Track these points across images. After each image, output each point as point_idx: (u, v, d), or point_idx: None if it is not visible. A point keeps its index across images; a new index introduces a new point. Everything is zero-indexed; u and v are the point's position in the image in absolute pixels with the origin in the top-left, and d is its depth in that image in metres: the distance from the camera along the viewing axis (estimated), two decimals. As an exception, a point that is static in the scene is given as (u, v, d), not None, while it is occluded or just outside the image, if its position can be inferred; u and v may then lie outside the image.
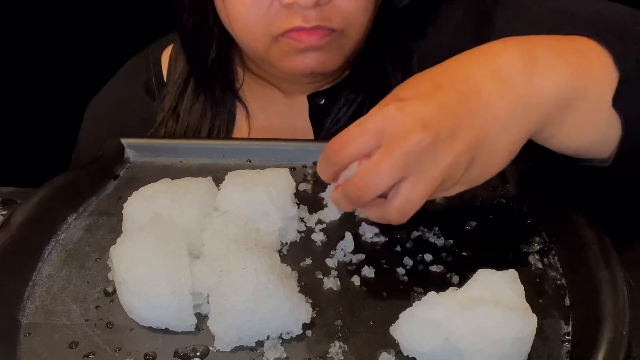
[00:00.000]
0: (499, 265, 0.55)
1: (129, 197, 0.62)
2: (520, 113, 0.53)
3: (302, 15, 0.71)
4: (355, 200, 0.54)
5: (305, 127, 0.86)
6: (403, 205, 0.52)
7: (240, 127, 0.89)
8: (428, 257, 0.61)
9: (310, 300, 0.56)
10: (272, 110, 0.89)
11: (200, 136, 0.86)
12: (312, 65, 0.75)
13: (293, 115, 0.88)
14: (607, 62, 0.54)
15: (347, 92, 0.84)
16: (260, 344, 0.53)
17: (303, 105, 0.86)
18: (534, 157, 0.70)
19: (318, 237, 0.63)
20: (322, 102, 0.85)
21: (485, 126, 0.52)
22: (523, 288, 0.51)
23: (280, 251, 0.62)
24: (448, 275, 0.59)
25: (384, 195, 0.53)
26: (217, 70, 0.85)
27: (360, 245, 0.62)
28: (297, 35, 0.72)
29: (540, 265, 0.60)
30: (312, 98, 0.85)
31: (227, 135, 0.87)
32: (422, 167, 0.51)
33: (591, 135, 0.56)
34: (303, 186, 0.70)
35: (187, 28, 0.83)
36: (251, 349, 0.53)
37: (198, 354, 0.52)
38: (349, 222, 0.65)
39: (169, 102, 0.88)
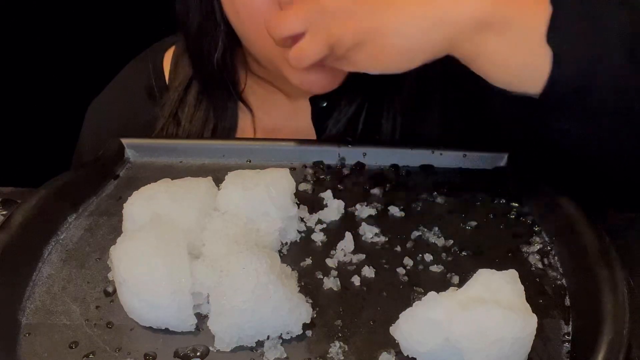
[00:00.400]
0: (499, 265, 0.55)
1: (129, 197, 0.62)
2: (426, 25, 0.56)
3: None
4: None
5: (307, 129, 0.86)
6: (297, 52, 0.61)
7: (244, 129, 0.88)
8: (428, 257, 0.61)
9: (310, 300, 0.56)
10: (275, 113, 0.89)
11: (200, 137, 0.85)
12: (315, 88, 0.73)
13: (296, 117, 0.87)
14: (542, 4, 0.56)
15: (347, 94, 0.84)
16: (260, 344, 0.53)
17: (305, 107, 0.86)
18: (534, 157, 0.71)
19: (318, 237, 0.63)
20: (324, 105, 0.85)
21: (384, 20, 0.56)
22: (523, 288, 0.51)
23: (280, 251, 0.62)
24: (448, 276, 0.59)
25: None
26: (221, 71, 0.84)
27: (360, 245, 0.62)
28: None
29: (540, 266, 0.60)
30: (314, 101, 0.85)
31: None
32: (317, 28, 0.59)
33: (521, 66, 0.57)
34: (303, 186, 0.70)
35: (192, 27, 0.82)
36: (251, 349, 0.53)
37: (198, 354, 0.52)
38: (349, 222, 0.65)
39: (169, 109, 0.87)
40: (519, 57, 0.57)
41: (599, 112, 0.58)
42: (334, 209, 0.66)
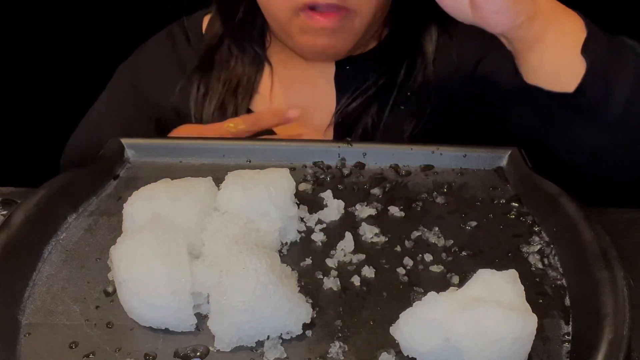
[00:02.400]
0: (499, 265, 0.55)
1: (129, 197, 0.62)
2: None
3: None
4: None
5: (327, 92, 0.91)
6: None
7: (264, 83, 0.93)
8: (428, 257, 0.61)
9: (310, 300, 0.56)
10: (296, 72, 0.92)
11: (200, 137, 0.86)
12: (324, 47, 0.83)
13: (316, 77, 0.92)
14: (580, 24, 0.71)
15: (373, 63, 0.90)
16: (260, 344, 0.53)
17: (326, 69, 0.91)
18: (534, 157, 0.71)
19: (318, 237, 0.63)
20: (347, 68, 0.90)
21: None
22: (523, 288, 0.51)
23: (280, 251, 0.62)
24: (448, 275, 0.59)
25: None
26: (245, 30, 0.91)
27: (360, 245, 0.62)
28: (313, 14, 0.79)
29: (540, 265, 0.60)
30: (340, 63, 0.90)
31: (253, 88, 0.91)
32: None
33: (561, 68, 0.70)
34: (303, 186, 0.70)
35: None
36: (251, 349, 0.53)
37: (198, 354, 0.52)
38: (349, 222, 0.65)
39: (204, 51, 0.93)
40: (562, 59, 0.70)
41: (609, 120, 0.70)
42: (333, 209, 0.66)
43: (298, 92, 0.92)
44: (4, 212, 0.66)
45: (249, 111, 0.91)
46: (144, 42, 1.00)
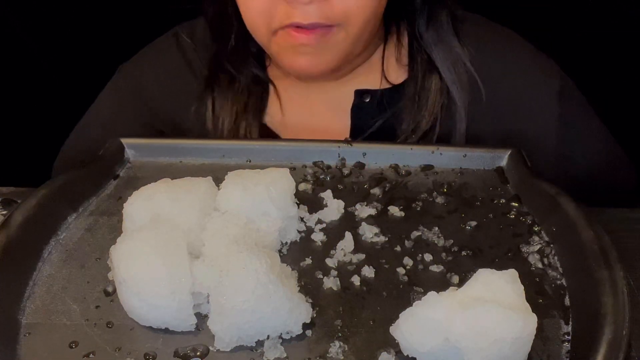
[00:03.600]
0: (499, 265, 0.55)
1: (129, 197, 0.62)
2: None
3: (302, 11, 0.72)
4: None
5: (341, 118, 0.88)
6: None
7: (273, 100, 0.89)
8: (428, 257, 0.61)
9: (310, 300, 0.56)
10: (297, 90, 0.89)
11: (200, 136, 0.86)
12: (305, 66, 0.77)
13: (332, 108, 0.88)
14: None
15: (390, 99, 0.86)
16: (260, 343, 0.53)
17: (341, 93, 0.88)
18: (534, 157, 0.71)
19: (318, 237, 0.63)
20: (367, 101, 0.87)
21: None
22: (523, 288, 0.51)
23: (280, 251, 0.62)
24: (448, 275, 0.59)
25: None
26: (238, 54, 0.87)
27: (360, 245, 0.62)
28: (293, 31, 0.74)
29: (540, 265, 0.60)
30: (359, 94, 0.87)
31: (263, 105, 0.89)
32: None
33: None
34: (303, 186, 0.70)
35: (208, 15, 0.88)
36: (251, 348, 0.53)
37: (198, 353, 0.52)
38: (349, 222, 0.65)
39: (208, 71, 0.90)
40: None
41: None
42: (333, 208, 0.66)
43: (308, 111, 0.89)
44: (4, 212, 0.66)
45: (263, 126, 0.88)
46: (148, 41, 0.98)
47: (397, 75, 0.88)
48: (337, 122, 0.87)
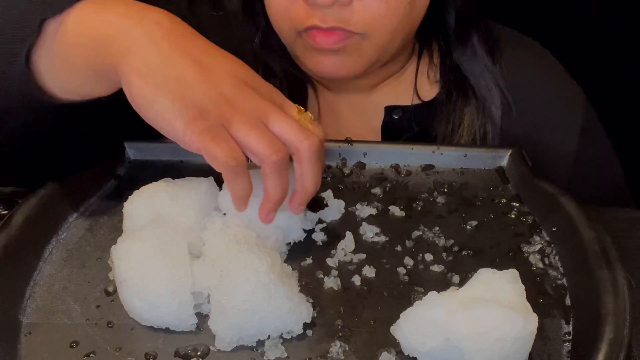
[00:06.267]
0: (500, 265, 0.55)
1: (129, 197, 0.62)
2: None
3: (321, 14, 0.72)
4: None
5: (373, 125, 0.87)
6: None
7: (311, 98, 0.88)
8: (428, 256, 0.61)
9: (311, 300, 0.56)
10: (335, 112, 0.88)
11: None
12: (329, 69, 0.77)
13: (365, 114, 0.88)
14: None
15: (426, 115, 0.85)
16: (261, 343, 0.53)
17: (372, 104, 0.87)
18: (534, 157, 0.71)
19: (318, 236, 0.63)
20: (397, 117, 0.86)
21: None
22: (524, 288, 0.51)
23: (280, 251, 0.62)
24: (448, 275, 0.59)
25: None
26: (266, 50, 0.85)
27: (360, 244, 0.62)
28: (314, 34, 0.74)
29: (540, 265, 0.60)
30: (389, 110, 0.86)
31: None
32: None
33: None
34: (303, 186, 0.70)
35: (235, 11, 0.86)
36: (252, 348, 0.53)
37: (199, 353, 0.52)
38: (350, 221, 0.65)
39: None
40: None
41: None
42: (334, 208, 0.66)
43: (335, 120, 0.88)
44: (5, 212, 0.66)
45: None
46: None
47: (428, 91, 0.87)
48: (365, 134, 0.87)
